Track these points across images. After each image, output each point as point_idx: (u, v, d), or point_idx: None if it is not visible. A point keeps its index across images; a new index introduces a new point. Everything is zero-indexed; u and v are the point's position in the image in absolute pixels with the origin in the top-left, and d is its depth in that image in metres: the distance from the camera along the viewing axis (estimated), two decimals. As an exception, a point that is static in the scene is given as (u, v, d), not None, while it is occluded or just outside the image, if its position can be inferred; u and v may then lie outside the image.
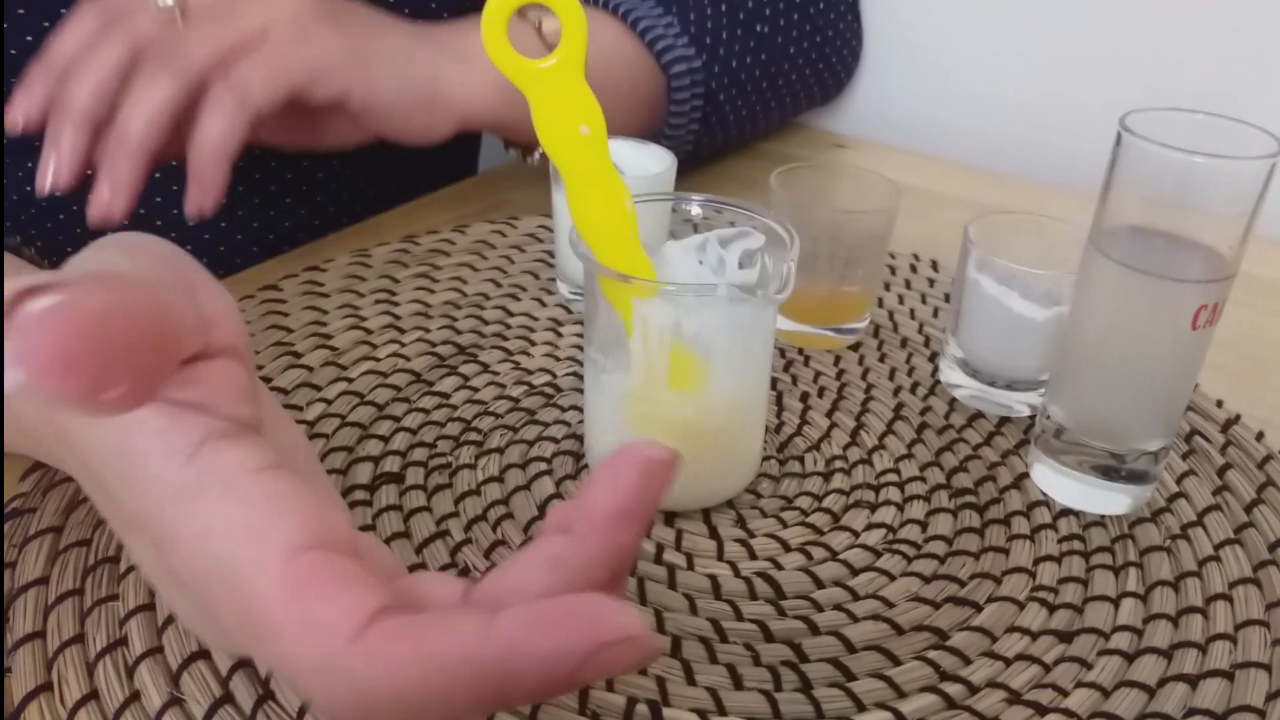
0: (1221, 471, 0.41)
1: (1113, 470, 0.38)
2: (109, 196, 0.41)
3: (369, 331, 0.48)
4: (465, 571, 0.35)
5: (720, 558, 0.36)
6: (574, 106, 0.32)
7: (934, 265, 0.56)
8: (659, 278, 0.36)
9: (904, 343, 0.49)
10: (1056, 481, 0.39)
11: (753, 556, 0.36)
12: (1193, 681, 0.32)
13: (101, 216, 0.41)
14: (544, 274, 0.54)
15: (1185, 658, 0.32)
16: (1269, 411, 0.45)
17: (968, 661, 0.32)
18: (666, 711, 0.30)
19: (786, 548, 0.37)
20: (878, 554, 0.37)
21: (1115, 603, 0.35)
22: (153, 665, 0.30)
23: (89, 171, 0.43)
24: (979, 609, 0.34)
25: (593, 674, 0.19)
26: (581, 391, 0.43)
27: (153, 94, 0.42)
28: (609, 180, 0.34)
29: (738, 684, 0.31)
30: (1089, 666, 0.32)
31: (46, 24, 0.48)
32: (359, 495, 0.38)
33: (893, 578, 0.35)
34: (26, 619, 0.32)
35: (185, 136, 0.43)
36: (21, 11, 0.47)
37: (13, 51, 0.48)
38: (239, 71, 0.44)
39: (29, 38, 0.49)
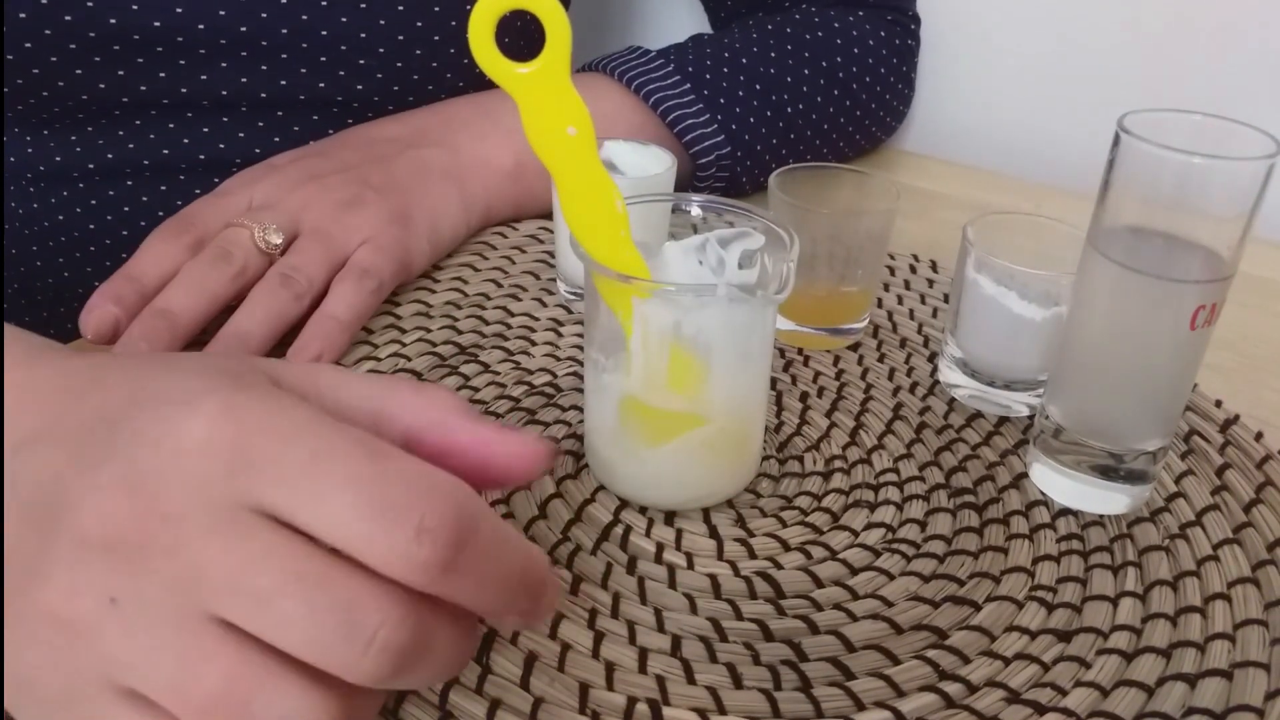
0: (1220, 471, 0.41)
1: (1111, 470, 0.38)
2: None
3: (370, 331, 0.48)
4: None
5: (720, 557, 0.36)
6: (561, 108, 0.33)
7: (933, 266, 0.56)
8: (659, 278, 0.36)
9: (903, 343, 0.49)
10: (1055, 481, 0.39)
11: (752, 556, 0.36)
12: (1191, 681, 0.32)
13: None
14: (544, 274, 0.54)
15: (1184, 657, 0.33)
16: (1268, 411, 0.45)
17: (967, 660, 0.32)
18: (666, 711, 0.30)
19: (786, 547, 0.37)
20: (877, 553, 0.37)
21: (1114, 602, 0.35)
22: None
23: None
24: (978, 608, 0.34)
25: None
26: (582, 391, 0.43)
27: (276, 302, 0.44)
28: (598, 180, 0.34)
29: (738, 683, 0.31)
30: (1088, 666, 0.32)
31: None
32: (360, 495, 0.38)
33: (892, 577, 0.36)
34: None
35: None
36: None
37: (22, 15, 0.48)
38: (370, 256, 0.47)
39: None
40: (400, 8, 0.54)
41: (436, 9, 0.55)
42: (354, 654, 0.22)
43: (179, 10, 0.51)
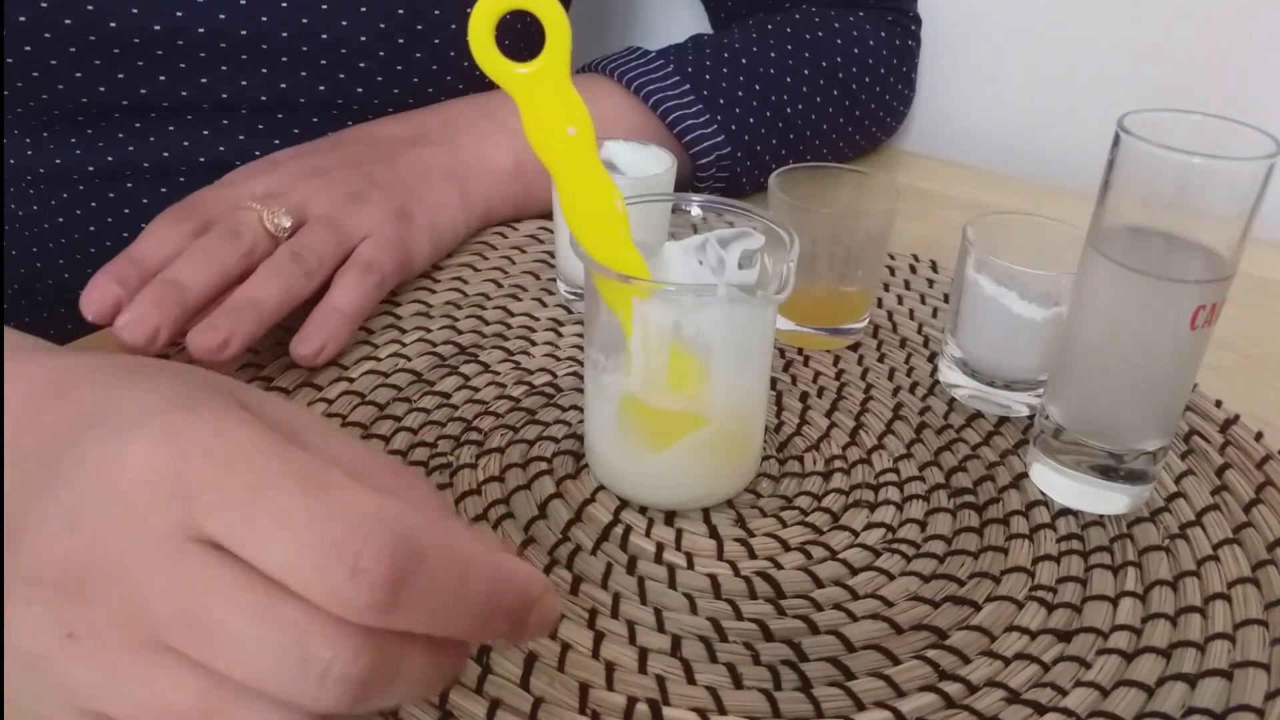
0: (1220, 471, 0.41)
1: (1111, 470, 0.38)
2: (231, 346, 0.41)
3: (370, 331, 0.48)
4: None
5: (720, 557, 0.36)
6: (561, 108, 0.33)
7: (933, 266, 0.56)
8: (659, 278, 0.36)
9: (903, 343, 0.49)
10: (1055, 481, 0.39)
11: (752, 556, 0.36)
12: (1191, 681, 0.32)
13: (208, 355, 0.40)
14: (544, 274, 0.54)
15: (1184, 657, 0.33)
16: (1268, 411, 0.45)
17: (967, 660, 0.32)
18: (666, 711, 0.30)
19: (786, 547, 0.37)
20: (877, 553, 0.37)
21: (1114, 602, 0.35)
22: None
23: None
24: (978, 608, 0.34)
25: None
26: (582, 391, 0.43)
27: (287, 274, 0.44)
28: (598, 180, 0.34)
29: (738, 683, 0.31)
30: (1088, 666, 0.32)
31: (44, 3, 0.48)
32: (360, 495, 0.38)
33: (892, 577, 0.36)
34: None
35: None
36: None
37: (22, 19, 0.48)
38: (373, 251, 0.47)
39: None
40: (400, 11, 0.54)
41: (436, 12, 0.55)
42: (309, 686, 0.21)
43: (179, 14, 0.51)
